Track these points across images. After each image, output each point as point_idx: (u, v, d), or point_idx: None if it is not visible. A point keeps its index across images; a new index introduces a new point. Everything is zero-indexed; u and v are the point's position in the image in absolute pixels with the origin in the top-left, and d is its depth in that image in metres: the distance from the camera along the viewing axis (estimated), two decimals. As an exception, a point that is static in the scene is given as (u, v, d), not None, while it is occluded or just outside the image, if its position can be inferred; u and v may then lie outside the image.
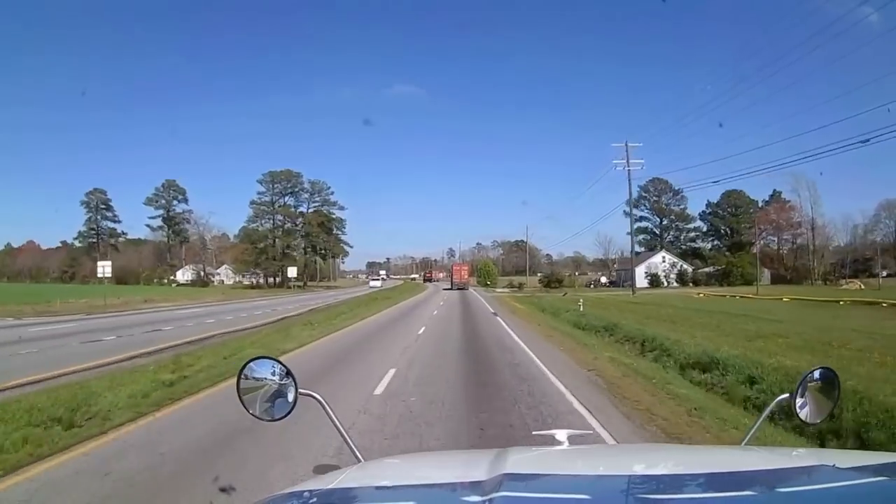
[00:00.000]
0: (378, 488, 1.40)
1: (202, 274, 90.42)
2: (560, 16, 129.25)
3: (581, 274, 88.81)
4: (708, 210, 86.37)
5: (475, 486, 1.19)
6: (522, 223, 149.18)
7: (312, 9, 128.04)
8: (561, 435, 1.96)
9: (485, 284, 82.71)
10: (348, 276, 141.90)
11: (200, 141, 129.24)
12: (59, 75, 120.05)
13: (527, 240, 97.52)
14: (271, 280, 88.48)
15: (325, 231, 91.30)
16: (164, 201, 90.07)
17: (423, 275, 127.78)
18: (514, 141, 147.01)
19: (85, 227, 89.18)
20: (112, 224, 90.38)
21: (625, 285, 63.76)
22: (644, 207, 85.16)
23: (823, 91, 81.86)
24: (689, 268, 75.89)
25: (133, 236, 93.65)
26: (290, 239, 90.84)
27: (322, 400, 1.89)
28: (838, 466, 1.31)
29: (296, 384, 1.85)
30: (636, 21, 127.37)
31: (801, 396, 1.81)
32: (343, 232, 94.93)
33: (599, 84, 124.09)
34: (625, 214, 65.10)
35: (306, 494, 1.32)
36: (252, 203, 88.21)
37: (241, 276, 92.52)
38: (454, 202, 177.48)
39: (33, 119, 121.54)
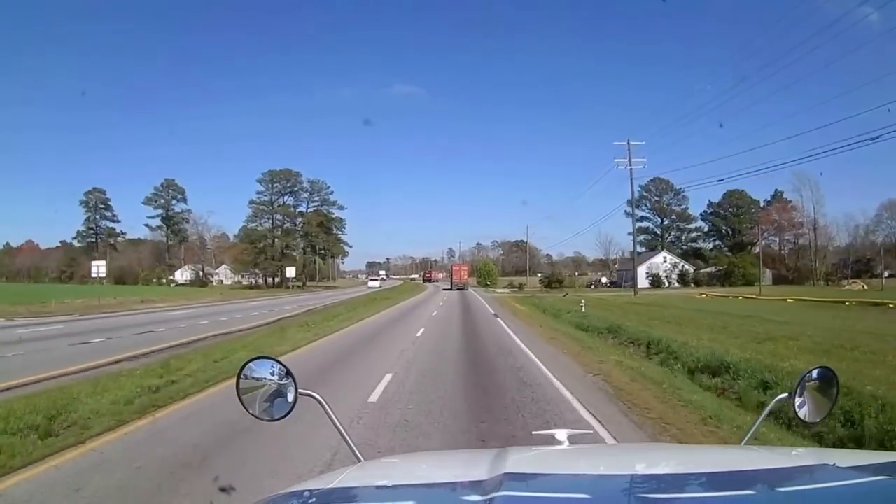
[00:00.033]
0: (378, 488, 1.41)
1: (201, 274, 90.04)
2: (560, 16, 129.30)
3: (581, 274, 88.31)
4: (709, 210, 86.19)
5: (475, 486, 1.19)
6: (522, 223, 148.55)
7: (312, 9, 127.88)
8: (561, 434, 1.96)
9: (485, 285, 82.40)
10: (348, 277, 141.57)
11: (200, 141, 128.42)
12: (59, 75, 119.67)
13: (527, 240, 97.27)
14: (270, 280, 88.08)
15: (325, 231, 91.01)
16: (164, 201, 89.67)
17: (423, 275, 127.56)
18: (514, 141, 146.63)
19: (84, 227, 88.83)
20: (111, 224, 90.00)
21: (626, 286, 63.43)
22: (645, 207, 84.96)
23: (824, 91, 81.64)
24: (691, 268, 75.44)
25: (132, 236, 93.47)
26: (290, 239, 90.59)
27: (322, 400, 1.88)
28: (838, 466, 1.31)
29: (295, 384, 1.85)
30: (636, 21, 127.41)
31: (800, 396, 1.80)
32: (343, 232, 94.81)
33: (600, 84, 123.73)
34: (626, 214, 64.90)
35: (306, 494, 1.30)
36: (251, 203, 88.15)
37: (240, 277, 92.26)
38: (454, 202, 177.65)
39: (33, 119, 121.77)
